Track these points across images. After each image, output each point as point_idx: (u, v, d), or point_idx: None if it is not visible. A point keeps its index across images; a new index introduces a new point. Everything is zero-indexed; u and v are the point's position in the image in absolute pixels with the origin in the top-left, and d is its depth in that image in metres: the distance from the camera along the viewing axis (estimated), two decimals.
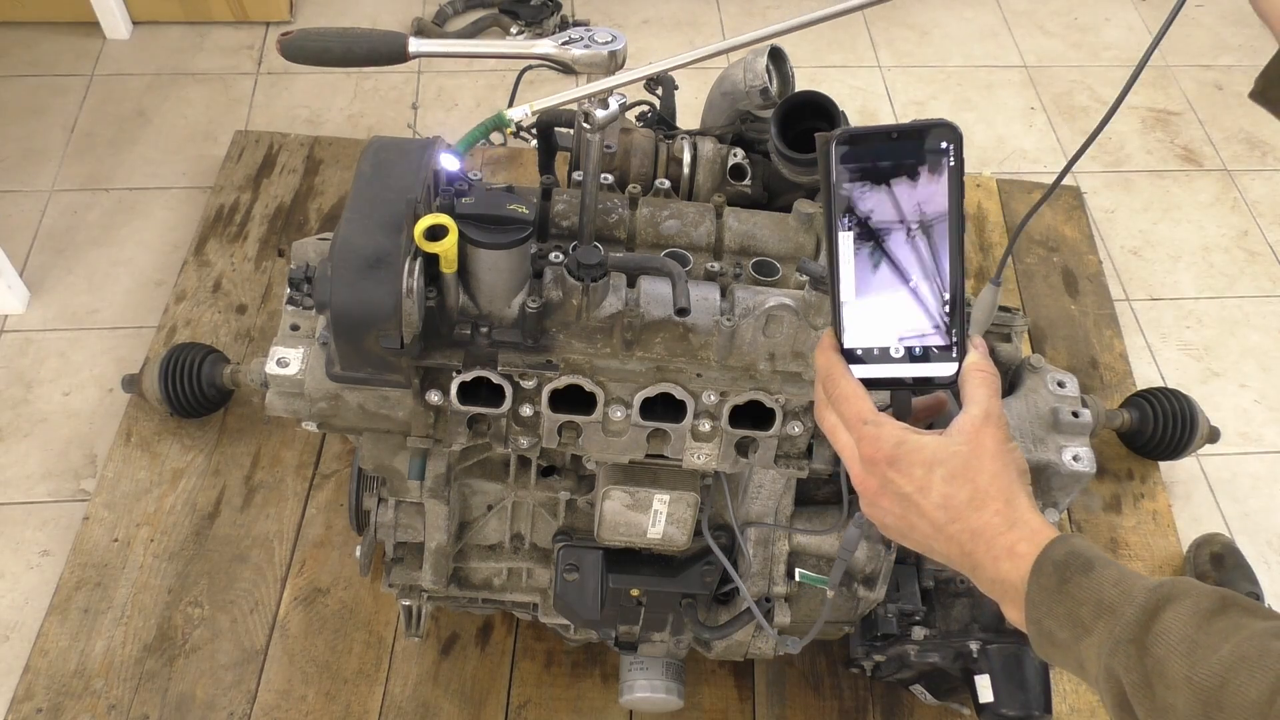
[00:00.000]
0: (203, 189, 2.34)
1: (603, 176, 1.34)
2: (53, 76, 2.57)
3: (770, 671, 1.68)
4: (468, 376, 1.12)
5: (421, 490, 1.28)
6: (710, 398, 1.14)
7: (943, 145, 0.75)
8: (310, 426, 1.19)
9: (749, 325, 1.12)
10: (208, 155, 2.42)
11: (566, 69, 1.10)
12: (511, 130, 1.09)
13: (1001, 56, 2.84)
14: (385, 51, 1.07)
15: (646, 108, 1.59)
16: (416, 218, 1.03)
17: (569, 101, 1.09)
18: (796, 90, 1.36)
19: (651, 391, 1.13)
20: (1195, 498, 1.99)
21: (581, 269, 1.11)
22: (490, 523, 1.39)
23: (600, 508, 1.26)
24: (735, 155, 1.41)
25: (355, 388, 1.15)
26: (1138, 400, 1.94)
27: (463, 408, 1.15)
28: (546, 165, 1.54)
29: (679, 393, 1.13)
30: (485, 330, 1.13)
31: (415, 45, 1.07)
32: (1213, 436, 1.93)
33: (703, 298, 1.14)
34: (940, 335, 0.77)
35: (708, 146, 1.42)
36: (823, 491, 1.37)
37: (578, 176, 1.36)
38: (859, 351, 0.79)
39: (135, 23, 2.71)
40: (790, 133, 1.32)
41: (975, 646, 1.38)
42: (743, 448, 1.20)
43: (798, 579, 1.35)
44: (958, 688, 1.48)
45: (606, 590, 1.31)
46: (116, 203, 2.32)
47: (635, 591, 1.32)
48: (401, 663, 1.66)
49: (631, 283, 1.16)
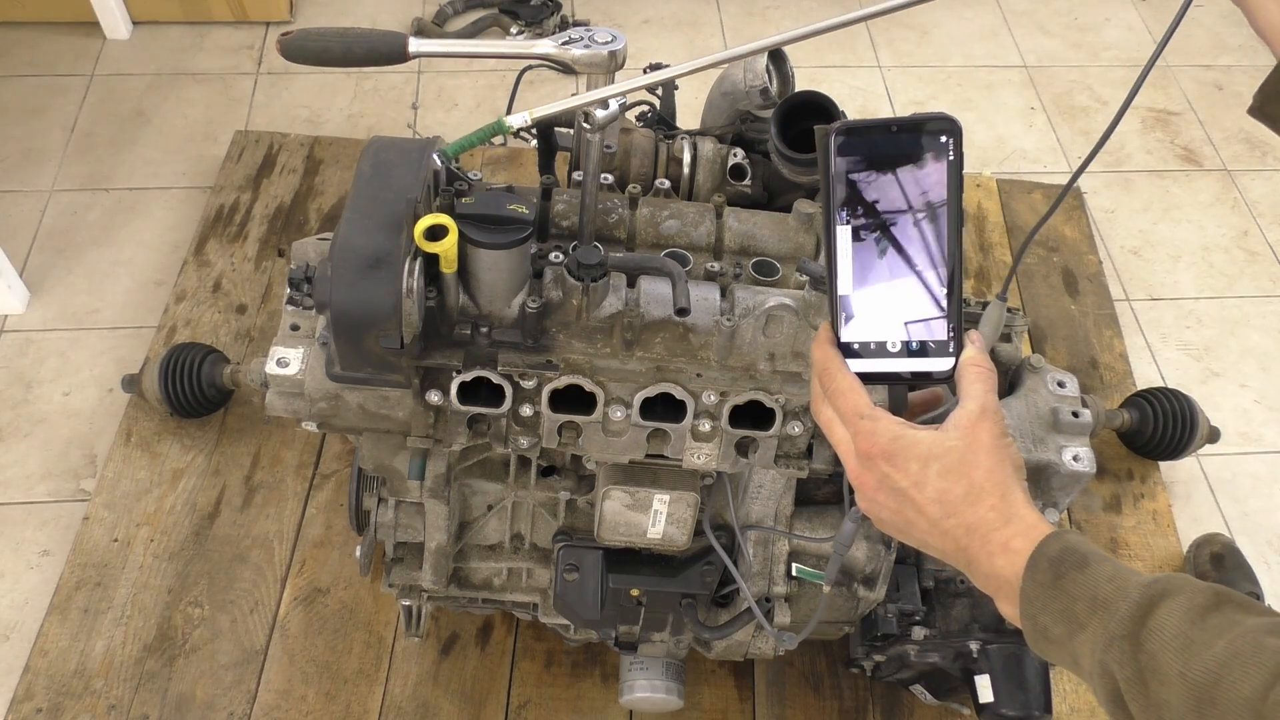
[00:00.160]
0: (203, 189, 2.34)
1: (603, 176, 1.34)
2: (53, 76, 2.57)
3: (770, 671, 1.68)
4: (468, 376, 1.12)
5: (421, 490, 1.28)
6: (710, 398, 1.14)
7: (942, 139, 0.75)
8: (310, 426, 1.19)
9: (749, 325, 1.12)
10: (208, 155, 2.42)
11: (566, 69, 1.10)
12: (511, 131, 1.09)
13: (1001, 56, 2.84)
14: (385, 51, 1.07)
15: (646, 108, 1.59)
16: (416, 218, 1.03)
17: (572, 108, 1.08)
18: (796, 90, 1.36)
19: (651, 391, 1.13)
20: (1195, 498, 1.99)
21: (581, 269, 1.10)
22: (490, 523, 1.39)
23: (600, 508, 1.26)
24: (735, 155, 1.41)
25: (355, 388, 1.15)
26: (1138, 400, 1.94)
27: (463, 408, 1.15)
28: (546, 165, 1.54)
29: (679, 393, 1.13)
30: (485, 330, 1.13)
31: (415, 45, 1.07)
32: (1213, 436, 1.93)
33: (703, 298, 1.14)
34: (938, 330, 0.77)
35: (708, 146, 1.41)
36: (823, 491, 1.37)
37: (578, 176, 1.35)
38: (856, 346, 0.79)
39: (135, 23, 2.71)
40: (790, 133, 1.32)
41: (975, 646, 1.38)
42: (743, 448, 1.20)
43: (795, 573, 1.35)
44: (958, 688, 1.48)
45: (606, 590, 1.31)
46: (116, 203, 2.32)
47: (635, 591, 1.32)
48: (401, 663, 1.66)
49: (631, 283, 1.16)
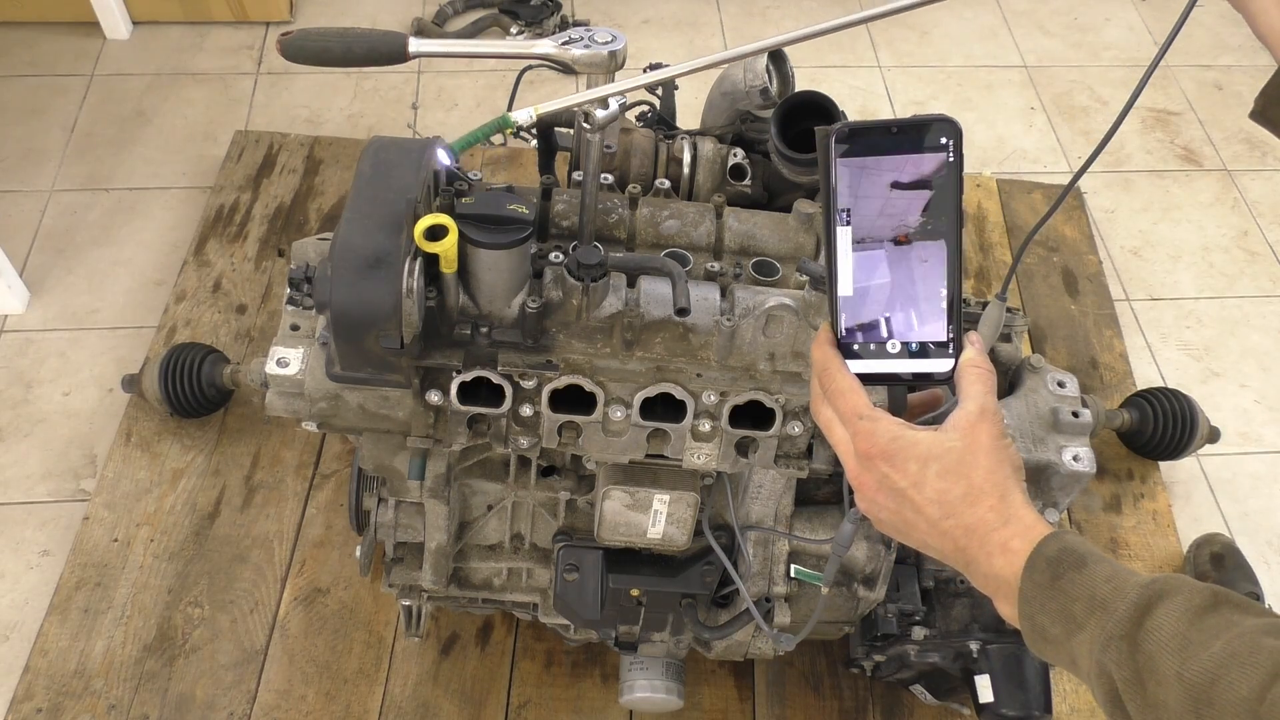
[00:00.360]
0: (203, 189, 2.34)
1: (603, 176, 1.34)
2: (53, 76, 2.57)
3: (770, 671, 1.68)
4: (468, 376, 1.12)
5: (421, 490, 1.28)
6: (710, 398, 1.14)
7: (942, 140, 0.75)
8: (310, 426, 1.19)
9: (749, 325, 1.12)
10: (208, 155, 2.42)
11: (566, 69, 1.10)
12: (512, 130, 1.09)
13: (1001, 56, 2.84)
14: (385, 51, 1.06)
15: (646, 108, 1.59)
16: (416, 218, 1.03)
17: (578, 104, 1.08)
18: (796, 90, 1.36)
19: (651, 391, 1.13)
20: (1195, 498, 1.99)
21: (581, 269, 1.10)
22: (490, 523, 1.39)
23: (600, 508, 1.26)
24: (735, 155, 1.41)
25: (355, 388, 1.15)
26: (1138, 400, 1.94)
27: (463, 408, 1.15)
28: (546, 165, 1.54)
29: (679, 393, 1.13)
30: (485, 330, 1.13)
31: (415, 45, 1.07)
32: (1213, 436, 1.93)
33: (703, 298, 1.14)
34: (937, 331, 0.77)
35: (708, 146, 1.41)
36: (823, 491, 1.37)
37: (578, 176, 1.36)
38: (856, 347, 0.79)
39: (135, 23, 2.71)
40: (790, 133, 1.32)
41: (975, 646, 1.38)
42: (743, 448, 1.20)
43: (794, 574, 1.35)
44: (958, 688, 1.48)
45: (606, 590, 1.31)
46: (116, 203, 2.31)
47: (635, 591, 1.32)
48: (401, 663, 1.66)
49: (631, 283, 1.16)
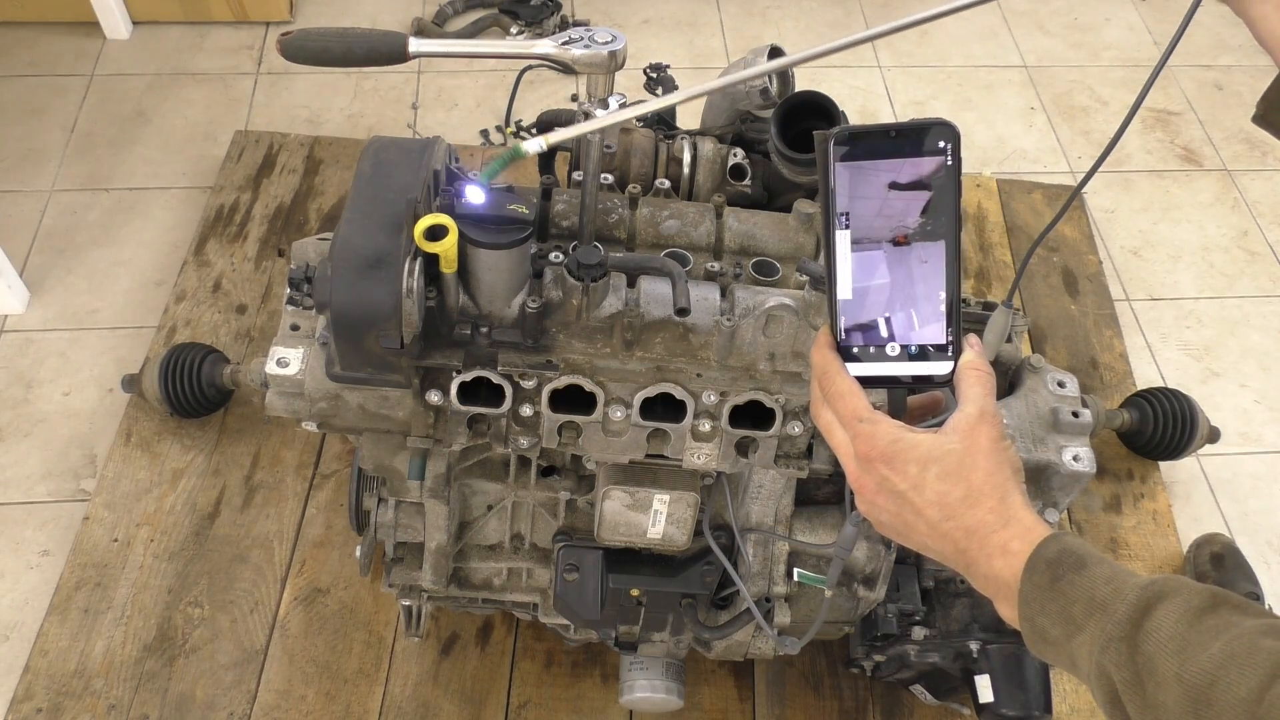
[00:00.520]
0: (203, 189, 2.34)
1: (603, 176, 1.34)
2: (53, 76, 2.57)
3: (770, 671, 1.68)
4: (468, 376, 1.12)
5: (421, 490, 1.28)
6: (710, 398, 1.14)
7: (941, 144, 0.75)
8: (310, 426, 1.19)
9: (749, 325, 1.12)
10: (208, 155, 2.41)
11: (566, 69, 1.10)
12: (512, 130, 1.09)
13: (1001, 56, 2.84)
14: (385, 51, 1.06)
15: None
16: (416, 218, 1.03)
17: (591, 131, 1.05)
18: (796, 90, 1.36)
19: (651, 391, 1.13)
20: (1195, 498, 1.99)
21: (581, 269, 1.10)
22: (490, 523, 1.39)
23: (600, 508, 1.26)
24: (735, 155, 1.41)
25: (355, 388, 1.15)
26: (1138, 400, 1.94)
27: (463, 408, 1.15)
28: (546, 165, 1.54)
29: (679, 393, 1.13)
30: (485, 330, 1.13)
31: (415, 45, 1.07)
32: (1213, 436, 1.93)
33: (703, 298, 1.14)
34: (937, 334, 0.77)
35: (708, 146, 1.41)
36: (823, 491, 1.37)
37: (578, 176, 1.36)
38: (855, 349, 0.79)
39: (135, 23, 2.70)
40: (790, 133, 1.32)
41: (975, 646, 1.38)
42: (743, 448, 1.20)
43: (796, 579, 1.35)
44: (958, 688, 1.48)
45: (606, 590, 1.31)
46: (116, 203, 2.31)
47: (635, 591, 1.32)
48: (401, 663, 1.66)
49: (631, 283, 1.16)
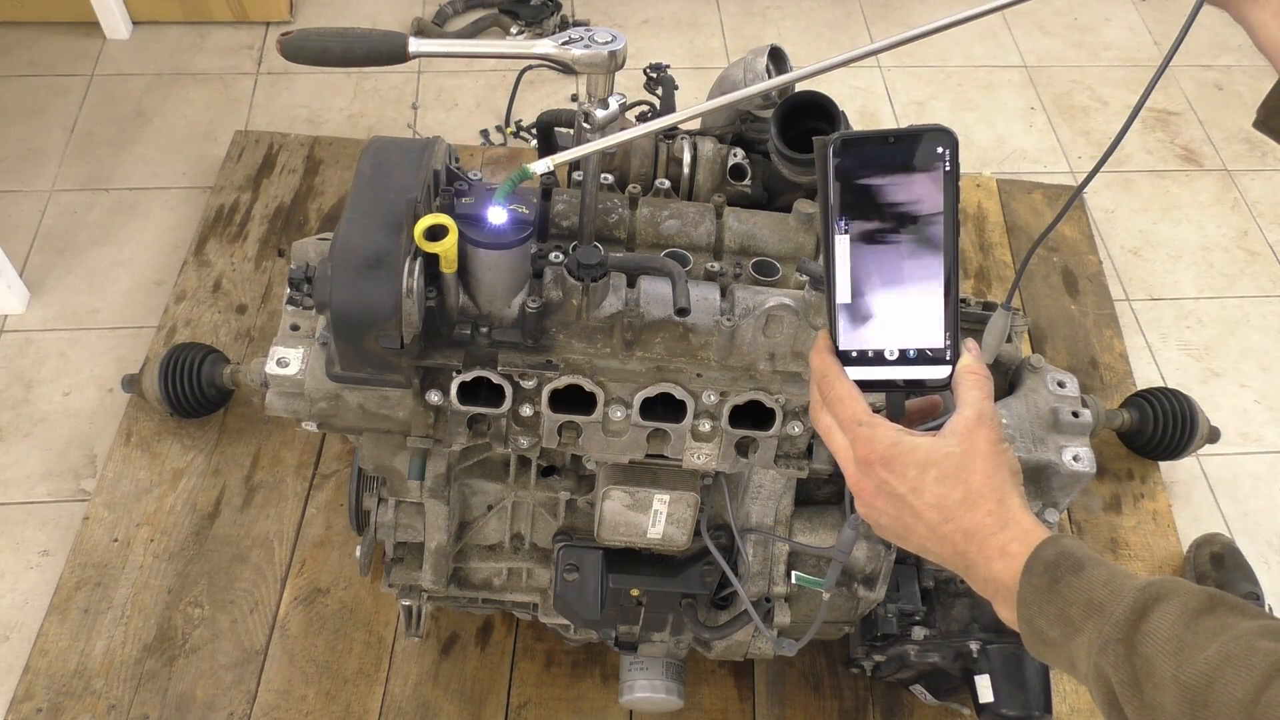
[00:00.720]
0: (203, 189, 2.34)
1: (603, 176, 1.34)
2: (53, 76, 2.57)
3: (770, 671, 1.68)
4: (468, 376, 1.12)
5: (421, 490, 1.28)
6: (710, 398, 1.14)
7: (939, 150, 0.75)
8: (310, 426, 1.19)
9: (749, 325, 1.12)
10: (208, 155, 2.42)
11: (566, 69, 1.10)
12: (511, 130, 1.09)
13: (1001, 56, 2.84)
14: (385, 51, 1.06)
15: (646, 108, 1.59)
16: (416, 218, 1.03)
17: (596, 150, 1.04)
18: (796, 90, 1.36)
19: (651, 391, 1.13)
20: (1195, 498, 1.99)
21: (581, 269, 1.10)
22: (490, 523, 1.39)
23: (600, 508, 1.26)
24: (735, 155, 1.41)
25: (355, 388, 1.15)
26: (1138, 400, 1.94)
27: (463, 408, 1.15)
28: None
29: (679, 393, 1.13)
30: (485, 330, 1.13)
31: (415, 45, 1.07)
32: (1213, 436, 1.93)
33: (703, 298, 1.14)
34: (935, 338, 0.77)
35: (708, 146, 1.41)
36: (823, 491, 1.37)
37: (578, 176, 1.36)
38: (854, 354, 0.79)
39: (135, 23, 2.71)
40: (790, 133, 1.32)
41: (975, 646, 1.38)
42: (743, 448, 1.20)
43: (794, 582, 1.35)
44: (958, 688, 1.48)
45: (606, 590, 1.31)
46: (116, 203, 2.31)
47: (635, 591, 1.32)
48: (401, 663, 1.66)
49: (631, 283, 1.16)
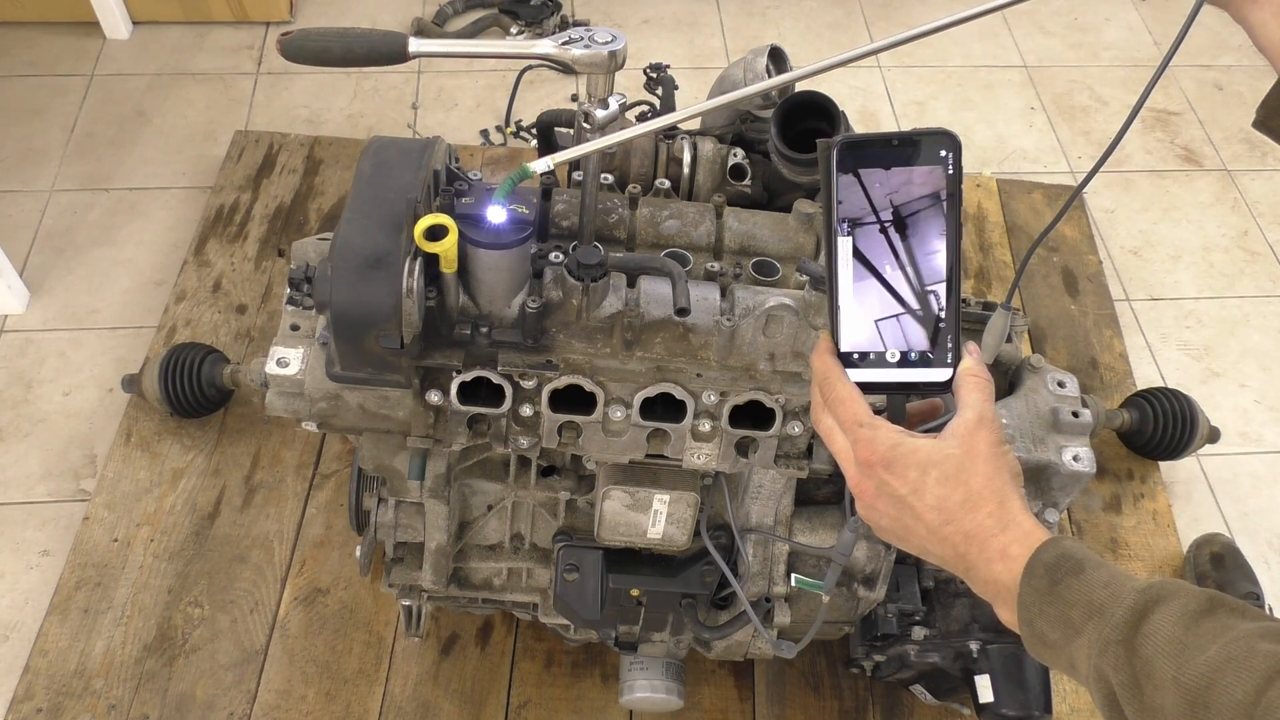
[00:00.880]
0: (203, 189, 2.34)
1: (603, 176, 1.34)
2: (53, 76, 2.57)
3: (770, 671, 1.68)
4: (468, 376, 1.12)
5: (421, 490, 1.28)
6: (710, 398, 1.14)
7: (942, 153, 0.75)
8: (310, 426, 1.19)
9: (749, 325, 1.12)
10: (208, 155, 2.42)
11: (566, 69, 1.10)
12: (511, 130, 1.09)
13: (1001, 56, 2.84)
14: (385, 51, 1.06)
15: (646, 108, 1.59)
16: (416, 218, 1.03)
17: (596, 150, 1.04)
18: (796, 90, 1.36)
19: (651, 391, 1.13)
20: (1195, 498, 1.99)
21: (581, 269, 1.10)
22: (490, 523, 1.39)
23: (600, 508, 1.26)
24: (735, 155, 1.41)
25: (355, 388, 1.15)
26: (1138, 400, 1.94)
27: (463, 408, 1.15)
28: None
29: (679, 393, 1.13)
30: (485, 330, 1.13)
31: (415, 45, 1.07)
32: (1213, 436, 1.93)
33: (703, 298, 1.14)
34: (936, 341, 0.77)
35: (708, 146, 1.41)
36: (823, 491, 1.37)
37: (578, 176, 1.36)
38: (855, 356, 0.79)
39: (135, 23, 2.71)
40: (790, 133, 1.32)
41: (975, 646, 1.38)
42: (743, 448, 1.20)
43: (794, 583, 1.35)
44: (958, 688, 1.47)
45: (606, 590, 1.31)
46: (116, 203, 2.31)
47: (635, 591, 1.32)
48: (401, 663, 1.66)
49: (631, 283, 1.16)
